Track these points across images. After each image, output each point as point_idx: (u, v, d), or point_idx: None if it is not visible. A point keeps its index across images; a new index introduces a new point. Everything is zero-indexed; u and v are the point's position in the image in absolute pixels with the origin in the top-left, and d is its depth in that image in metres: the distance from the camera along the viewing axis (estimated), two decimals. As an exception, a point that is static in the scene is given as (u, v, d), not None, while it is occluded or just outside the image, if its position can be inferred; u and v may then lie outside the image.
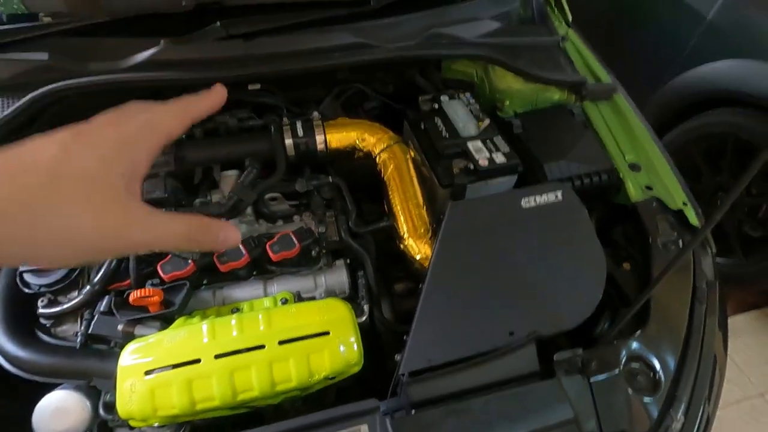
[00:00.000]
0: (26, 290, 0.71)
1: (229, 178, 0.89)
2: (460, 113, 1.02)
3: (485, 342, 0.72)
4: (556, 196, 0.82)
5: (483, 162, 0.91)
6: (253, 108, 1.00)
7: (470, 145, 0.94)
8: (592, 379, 0.72)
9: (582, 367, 0.72)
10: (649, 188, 0.96)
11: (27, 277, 0.70)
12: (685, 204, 0.92)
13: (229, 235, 0.38)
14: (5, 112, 0.82)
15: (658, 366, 0.76)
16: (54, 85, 0.82)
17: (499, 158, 0.92)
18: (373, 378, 0.85)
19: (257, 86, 0.99)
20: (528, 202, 0.81)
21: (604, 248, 0.89)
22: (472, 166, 0.91)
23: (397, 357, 0.76)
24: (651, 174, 0.98)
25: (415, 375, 0.68)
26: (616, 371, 0.74)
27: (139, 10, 0.92)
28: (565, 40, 1.19)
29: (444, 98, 1.06)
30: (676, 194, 0.94)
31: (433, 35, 1.03)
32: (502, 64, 1.04)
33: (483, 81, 1.13)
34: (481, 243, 0.78)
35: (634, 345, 0.77)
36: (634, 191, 0.95)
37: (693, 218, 0.90)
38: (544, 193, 0.82)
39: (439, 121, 1.00)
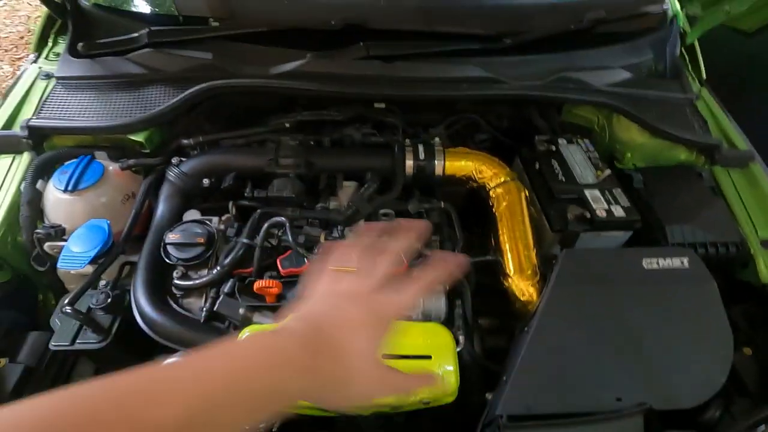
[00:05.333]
0: (167, 260, 0.79)
1: (348, 189, 0.94)
2: (579, 159, 1.00)
3: (589, 401, 0.69)
4: (682, 262, 0.77)
5: (601, 213, 0.88)
6: (374, 124, 1.05)
7: (587, 192, 0.92)
8: (700, 468, 0.67)
9: (692, 452, 0.67)
10: (783, 270, 0.87)
11: (170, 249, 0.79)
12: (827, 296, 0.83)
13: (429, 378, 0.50)
14: (173, 100, 0.92)
15: (780, 470, 0.68)
16: (217, 82, 0.92)
17: (618, 212, 0.89)
18: (448, 408, 0.85)
19: (382, 105, 1.04)
20: (650, 263, 0.77)
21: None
22: (588, 215, 0.88)
23: (488, 395, 0.75)
24: (787, 255, 0.89)
25: (513, 419, 0.67)
26: (731, 465, 0.68)
27: (293, 24, 1.01)
28: (697, 98, 1.13)
29: (562, 141, 1.04)
30: (816, 283, 0.85)
31: (562, 78, 1.03)
32: (630, 116, 1.01)
33: (604, 129, 1.11)
34: (594, 296, 0.75)
35: (755, 441, 0.70)
36: (765, 271, 0.87)
37: (836, 313, 0.81)
38: (669, 256, 0.78)
39: (555, 164, 0.99)
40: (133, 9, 1.12)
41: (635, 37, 1.15)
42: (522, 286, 0.83)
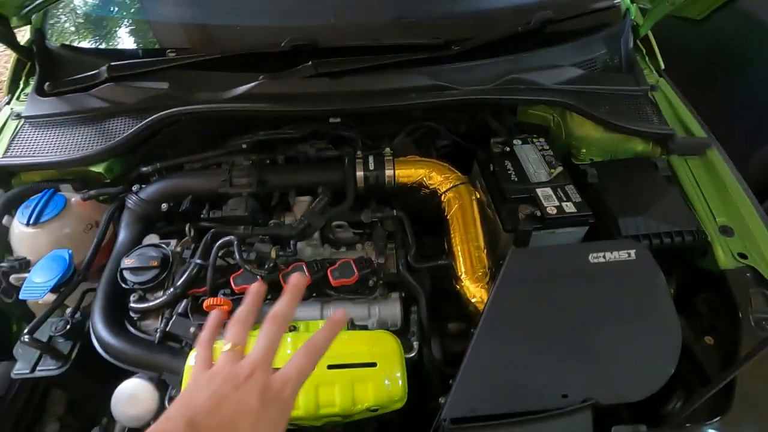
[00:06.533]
0: (123, 285, 0.82)
1: (302, 204, 0.96)
2: (532, 158, 1.01)
3: (534, 400, 0.68)
4: (629, 254, 0.77)
5: (551, 210, 0.89)
6: (331, 139, 1.07)
7: (539, 191, 0.93)
8: (654, 462, 0.66)
9: (644, 446, 0.66)
10: (742, 256, 0.86)
11: (126, 273, 0.81)
12: (787, 279, 0.81)
13: None
14: (130, 130, 0.96)
15: (739, 460, 0.67)
16: (170, 111, 0.95)
17: (569, 208, 0.89)
18: (415, 415, 0.85)
19: (337, 120, 1.07)
20: (597, 257, 0.77)
21: (683, 317, 0.82)
22: (538, 213, 0.89)
23: (441, 400, 0.75)
24: (746, 240, 0.88)
25: (457, 422, 0.67)
26: (686, 458, 0.66)
27: (245, 49, 1.05)
28: (654, 90, 1.14)
29: (517, 142, 1.05)
30: (776, 266, 0.84)
31: (512, 80, 1.05)
32: (580, 111, 1.02)
33: (559, 127, 1.11)
34: (541, 294, 0.75)
35: (711, 431, 0.69)
36: (723, 257, 0.86)
37: (796, 296, 0.80)
38: (616, 249, 0.77)
39: (509, 165, 1.00)
40: (97, 47, 1.17)
41: (588, 34, 1.17)
42: (473, 289, 0.84)
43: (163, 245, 0.86)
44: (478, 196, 0.95)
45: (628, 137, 1.04)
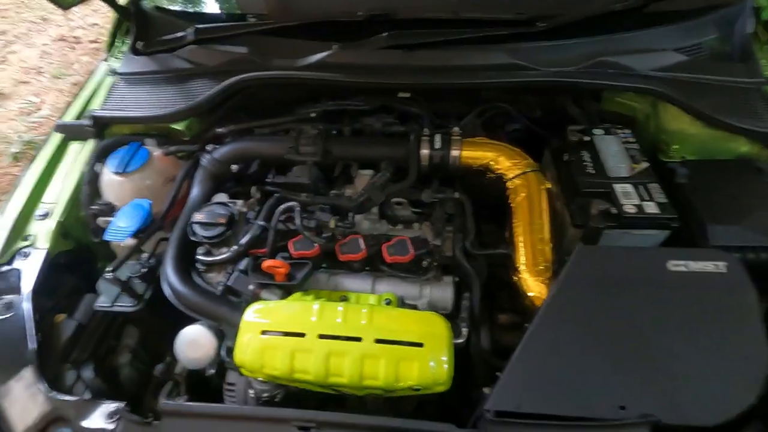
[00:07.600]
0: (192, 238, 0.87)
1: (364, 177, 0.96)
2: (613, 150, 0.93)
3: (587, 407, 0.64)
4: (717, 267, 0.69)
5: (629, 209, 0.82)
6: (399, 114, 1.05)
7: (617, 187, 0.86)
8: (718, 495, 0.60)
9: (707, 476, 0.60)
10: None
11: (195, 227, 0.87)
12: None
13: None
14: (210, 91, 1.00)
15: None
16: (246, 75, 0.98)
17: (651, 208, 0.82)
18: (455, 400, 0.84)
19: (407, 95, 1.04)
20: (678, 265, 0.70)
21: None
22: (614, 211, 0.82)
23: (486, 390, 0.74)
24: None
25: (500, 415, 0.65)
26: (756, 497, 0.60)
27: (322, 17, 1.05)
28: (771, 84, 0.99)
29: (598, 131, 0.97)
30: None
31: (600, 63, 0.96)
32: (677, 102, 0.92)
33: (649, 118, 1.01)
34: (607, 297, 0.70)
35: (791, 474, 0.61)
36: (834, 283, 0.75)
37: None
38: (702, 260, 0.70)
39: (586, 155, 0.92)
40: (187, 10, 1.23)
41: (696, 16, 1.03)
42: (531, 282, 0.80)
43: (231, 204, 0.90)
44: (548, 186, 0.89)
45: (732, 136, 0.92)
